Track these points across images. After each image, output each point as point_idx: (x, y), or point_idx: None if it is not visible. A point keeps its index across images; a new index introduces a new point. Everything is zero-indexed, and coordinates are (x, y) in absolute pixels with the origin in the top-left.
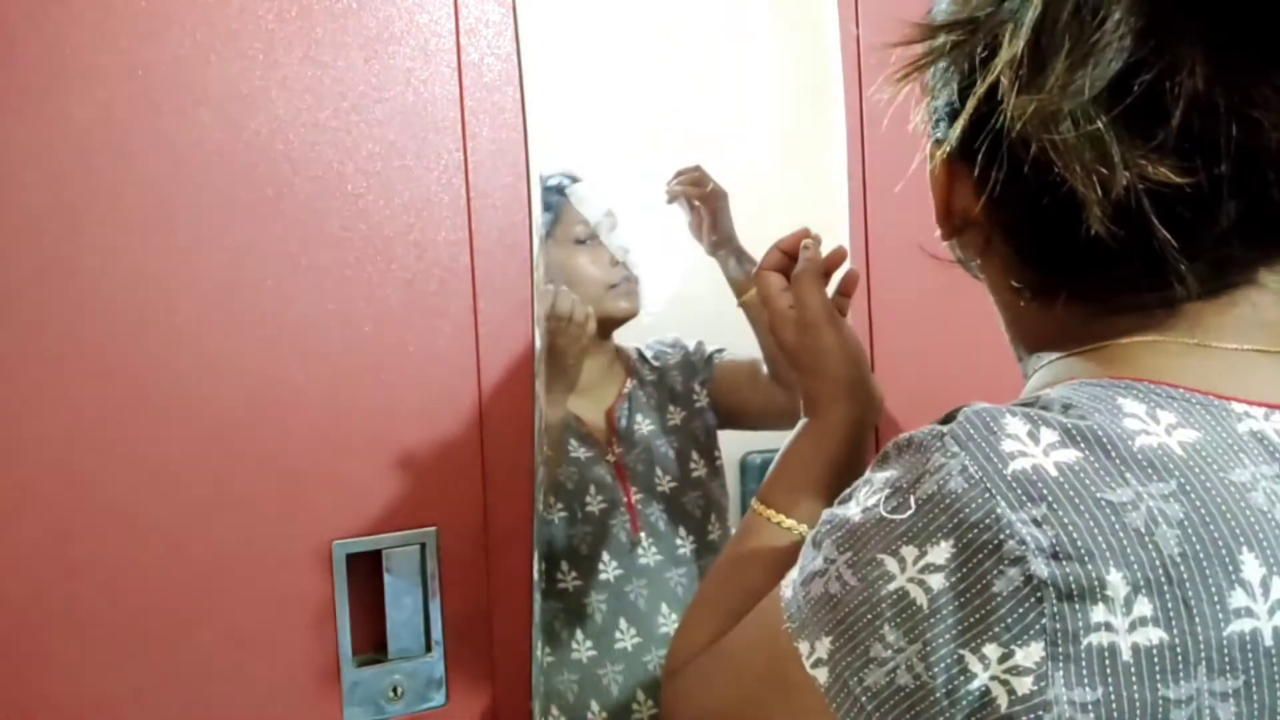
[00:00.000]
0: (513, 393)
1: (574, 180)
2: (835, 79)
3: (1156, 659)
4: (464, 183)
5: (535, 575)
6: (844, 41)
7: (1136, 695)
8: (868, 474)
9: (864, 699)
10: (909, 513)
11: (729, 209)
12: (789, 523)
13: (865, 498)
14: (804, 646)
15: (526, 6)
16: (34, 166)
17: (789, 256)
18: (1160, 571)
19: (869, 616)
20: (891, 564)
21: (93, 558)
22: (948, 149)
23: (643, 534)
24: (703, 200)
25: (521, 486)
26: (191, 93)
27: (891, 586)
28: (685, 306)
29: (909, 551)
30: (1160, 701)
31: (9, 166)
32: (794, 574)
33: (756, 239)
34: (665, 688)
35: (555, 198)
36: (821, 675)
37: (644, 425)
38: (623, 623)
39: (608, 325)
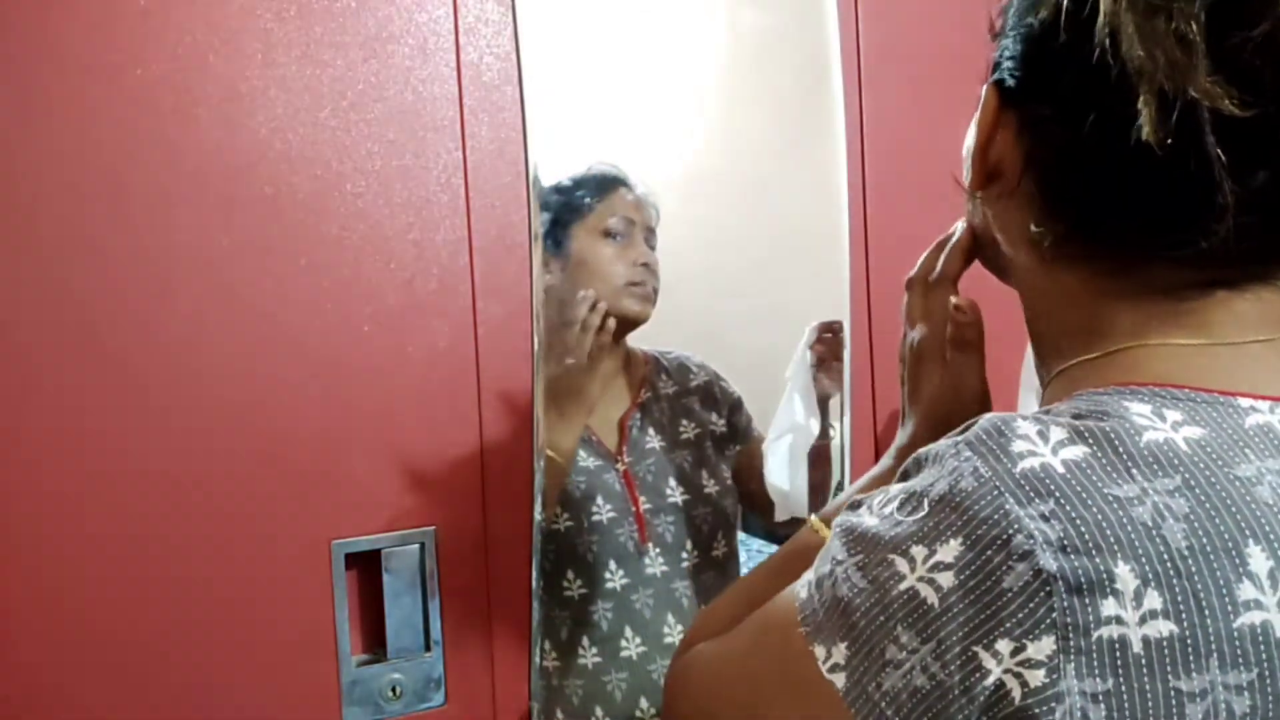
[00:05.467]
0: (512, 393)
1: (621, 174)
2: (835, 79)
3: (1167, 651)
4: (463, 182)
5: (534, 574)
6: (844, 41)
7: (1148, 687)
8: (887, 486)
9: (883, 704)
10: (922, 514)
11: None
12: None
13: (880, 506)
14: (819, 650)
15: (526, 6)
16: (34, 166)
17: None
18: (1169, 565)
19: (881, 619)
20: (902, 564)
21: (93, 558)
22: (1003, 85)
23: (650, 544)
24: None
25: (520, 486)
26: (191, 93)
27: (902, 587)
28: (677, 316)
29: (919, 551)
30: (1173, 693)
31: (9, 166)
32: (809, 575)
33: (756, 239)
34: (674, 659)
35: (606, 185)
36: (839, 680)
37: (656, 439)
38: (628, 631)
39: (620, 325)
